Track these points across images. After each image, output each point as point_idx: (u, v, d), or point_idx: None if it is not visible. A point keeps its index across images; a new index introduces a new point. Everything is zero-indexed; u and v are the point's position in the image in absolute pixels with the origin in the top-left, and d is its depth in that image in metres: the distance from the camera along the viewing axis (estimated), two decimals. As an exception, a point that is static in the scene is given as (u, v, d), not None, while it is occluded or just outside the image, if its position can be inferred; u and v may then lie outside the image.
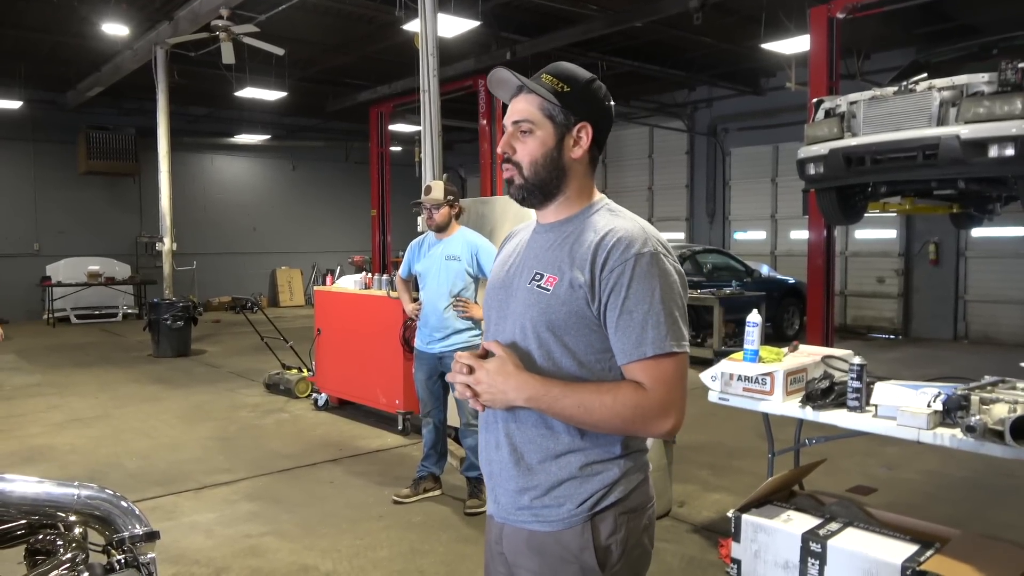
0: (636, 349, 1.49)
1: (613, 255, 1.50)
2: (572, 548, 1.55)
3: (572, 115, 1.59)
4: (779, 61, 11.60)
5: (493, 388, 1.54)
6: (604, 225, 1.56)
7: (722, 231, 15.71)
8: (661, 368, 1.49)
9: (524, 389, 1.52)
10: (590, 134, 1.61)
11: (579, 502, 1.55)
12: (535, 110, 1.59)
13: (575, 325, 1.54)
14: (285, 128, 18.10)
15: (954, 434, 2.86)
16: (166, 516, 4.49)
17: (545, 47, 11.23)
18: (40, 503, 1.66)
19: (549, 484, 1.57)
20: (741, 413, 3.77)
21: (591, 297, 1.52)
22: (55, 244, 15.34)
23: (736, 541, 3.62)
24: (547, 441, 1.57)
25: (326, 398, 7.30)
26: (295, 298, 18.43)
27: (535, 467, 1.58)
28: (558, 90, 1.58)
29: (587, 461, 1.56)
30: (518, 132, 1.60)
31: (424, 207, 4.59)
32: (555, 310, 1.54)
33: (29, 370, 9.55)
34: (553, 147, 1.59)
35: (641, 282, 1.48)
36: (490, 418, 1.67)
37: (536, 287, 1.58)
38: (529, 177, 1.60)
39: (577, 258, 1.54)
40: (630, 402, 1.49)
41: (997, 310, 11.88)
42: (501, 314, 1.66)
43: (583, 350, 1.55)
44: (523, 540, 1.61)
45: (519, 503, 1.60)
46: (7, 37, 11.40)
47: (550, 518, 1.57)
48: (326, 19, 10.77)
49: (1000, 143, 5.24)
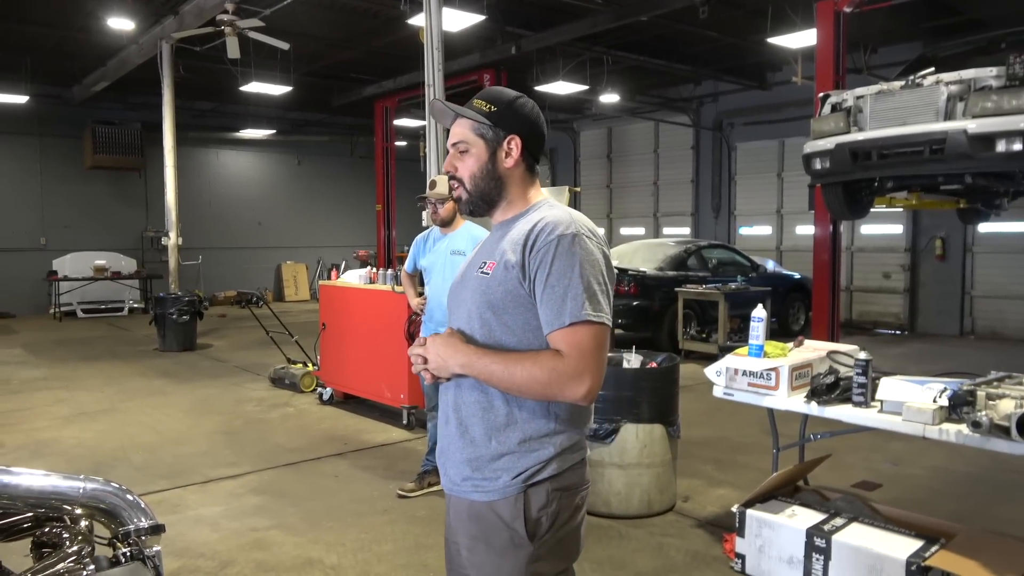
0: (556, 319, 1.64)
1: (540, 237, 1.68)
2: (505, 517, 1.69)
3: (501, 131, 1.79)
4: (785, 55, 11.55)
5: (438, 358, 1.72)
6: (537, 216, 1.76)
7: (727, 226, 15.67)
8: (577, 336, 1.62)
9: (460, 356, 1.69)
10: (519, 145, 1.80)
11: (515, 474, 1.69)
12: (468, 132, 1.80)
13: (511, 304, 1.71)
14: (290, 123, 18.11)
15: (960, 430, 2.85)
16: (172, 509, 4.51)
17: (550, 41, 11.21)
18: (46, 496, 1.67)
19: (489, 456, 1.71)
20: (746, 408, 3.77)
21: (523, 276, 1.69)
22: (61, 238, 15.39)
23: (740, 536, 3.63)
24: (488, 414, 1.72)
25: (331, 392, 7.32)
26: (300, 293, 18.46)
27: (478, 440, 1.73)
28: (486, 111, 1.79)
29: (524, 436, 1.70)
30: (457, 153, 1.81)
31: (429, 202, 4.58)
32: (493, 290, 1.72)
33: (36, 364, 9.59)
34: (487, 160, 1.79)
35: (563, 259, 1.65)
36: (443, 395, 1.83)
37: (479, 273, 1.77)
38: (471, 190, 1.81)
39: (515, 243, 1.72)
40: (547, 366, 1.62)
41: (1004, 306, 11.83)
42: (456, 304, 1.84)
43: (520, 327, 1.71)
44: (464, 509, 1.76)
45: (463, 474, 1.75)
46: (13, 32, 11.43)
47: (487, 488, 1.71)
48: (331, 13, 10.76)
49: (1008, 138, 5.20)
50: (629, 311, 9.75)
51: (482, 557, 1.73)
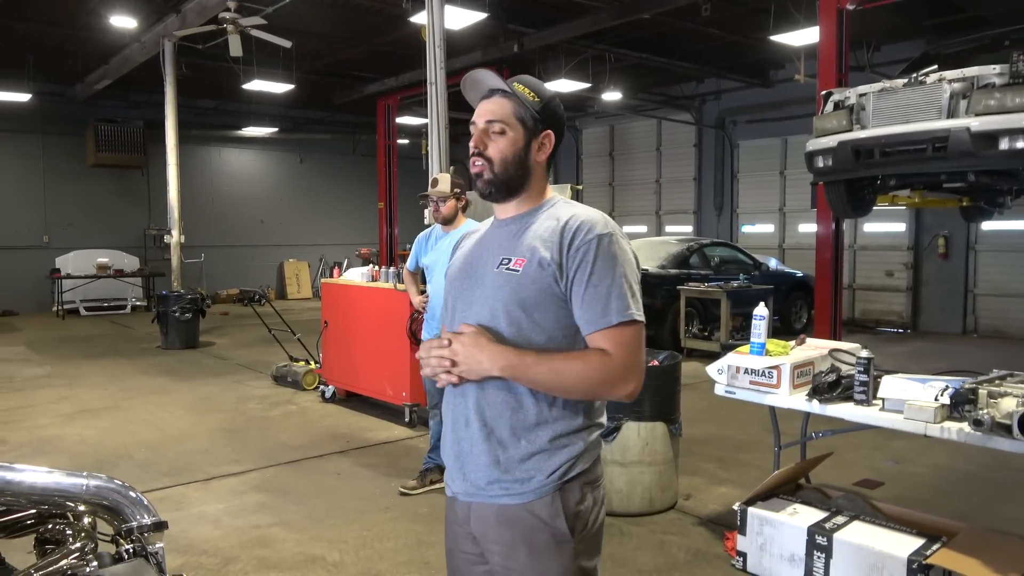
0: (602, 318, 1.63)
1: (578, 236, 1.66)
2: (544, 517, 1.65)
3: (541, 123, 1.76)
4: (788, 53, 11.53)
5: (469, 359, 1.64)
6: (565, 213, 1.72)
7: (730, 224, 15.65)
8: (624, 335, 1.63)
9: (499, 359, 1.63)
10: (552, 141, 1.79)
11: (548, 473, 1.66)
12: (510, 113, 1.74)
13: (544, 301, 1.67)
14: (292, 121, 18.12)
15: (961, 428, 2.85)
16: (174, 506, 4.52)
17: (552, 39, 11.20)
18: (49, 493, 1.67)
19: (520, 457, 1.67)
20: (748, 406, 3.77)
21: (559, 274, 1.66)
22: (64, 236, 15.42)
23: (742, 534, 3.63)
24: (516, 415, 1.67)
25: (333, 390, 7.33)
26: (303, 290, 18.47)
27: (506, 441, 1.68)
28: (531, 98, 1.76)
29: (555, 434, 1.67)
30: (490, 131, 1.75)
31: (431, 200, 4.59)
32: (525, 288, 1.67)
33: (39, 362, 9.62)
34: (522, 147, 1.75)
35: (604, 259, 1.64)
36: (458, 397, 1.75)
37: (505, 270, 1.70)
38: (499, 173, 1.74)
39: (545, 240, 1.68)
40: (598, 366, 1.62)
41: (1007, 304, 11.81)
42: (467, 301, 1.76)
43: (551, 325, 1.67)
44: (492, 515, 1.69)
45: (490, 477, 1.69)
46: (16, 30, 11.44)
47: (520, 491, 1.66)
48: (333, 11, 10.76)
49: (1011, 135, 5.19)
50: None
51: (523, 561, 1.67)
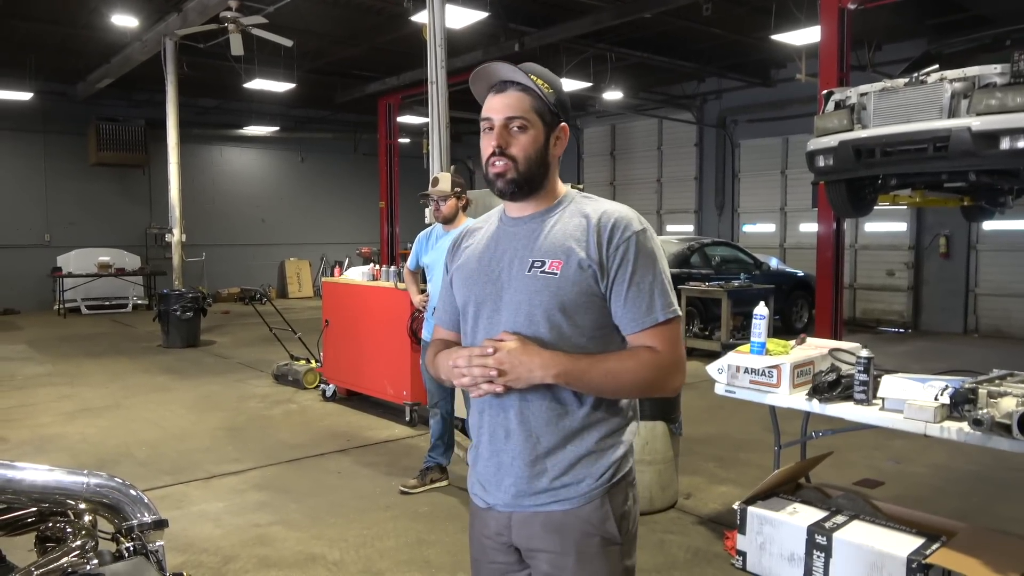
0: (647, 316, 1.62)
1: (616, 233, 1.63)
2: (594, 521, 1.64)
3: (556, 117, 1.70)
4: (789, 52, 11.52)
5: (519, 367, 1.59)
6: (593, 209, 1.69)
7: (731, 223, 15.65)
8: (670, 331, 1.64)
9: (552, 365, 1.58)
10: (567, 135, 1.73)
11: (597, 476, 1.64)
12: (528, 108, 1.66)
13: (585, 303, 1.63)
14: (294, 120, 18.12)
15: (961, 427, 2.85)
16: (175, 505, 4.52)
17: (553, 38, 11.19)
18: (50, 491, 1.68)
19: (567, 463, 1.64)
20: (748, 406, 3.77)
21: (600, 273, 1.62)
22: (66, 235, 15.43)
23: (742, 533, 3.63)
24: (562, 420, 1.65)
25: (334, 389, 7.34)
26: (304, 289, 18.48)
27: (553, 448, 1.65)
28: (547, 91, 1.68)
29: (600, 435, 1.66)
30: (512, 128, 1.66)
31: (431, 199, 4.59)
32: (566, 291, 1.62)
33: (40, 360, 9.63)
34: (543, 143, 1.68)
35: (644, 256, 1.63)
36: (495, 408, 1.69)
37: (540, 273, 1.64)
38: (523, 171, 1.66)
39: (579, 240, 1.64)
40: (651, 364, 1.62)
41: (1008, 304, 11.80)
42: (493, 306, 1.70)
43: (590, 327, 1.65)
44: (539, 524, 1.66)
45: (535, 487, 1.65)
46: (17, 29, 11.45)
47: (569, 496, 1.64)
48: (334, 10, 10.76)
49: (1012, 135, 5.19)
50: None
51: (572, 568, 1.64)
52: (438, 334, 1.92)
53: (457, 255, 1.85)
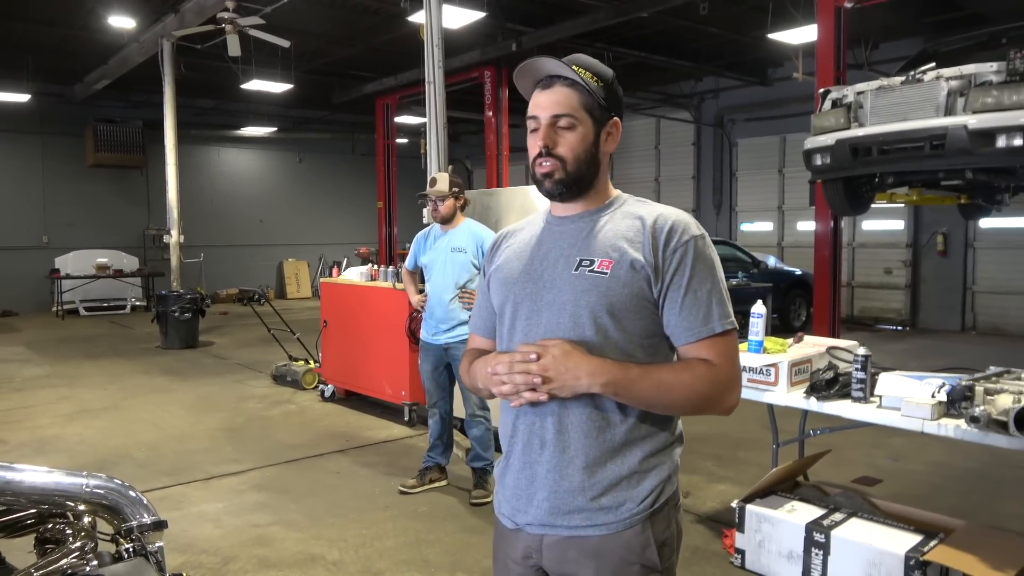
0: (704, 326, 1.51)
1: (673, 237, 1.52)
2: (635, 548, 1.52)
3: (606, 111, 1.60)
4: (786, 51, 11.54)
5: (565, 374, 1.47)
6: (648, 211, 1.59)
7: (729, 222, 15.66)
8: (727, 343, 1.53)
9: (601, 373, 1.46)
10: (620, 129, 1.63)
11: (640, 500, 1.53)
12: (576, 104, 1.56)
13: (635, 307, 1.52)
14: (291, 120, 18.11)
15: (958, 425, 2.86)
16: (174, 506, 4.52)
17: (551, 38, 11.19)
18: (49, 493, 1.68)
19: (608, 482, 1.52)
20: (746, 404, 3.74)
21: (654, 278, 1.52)
22: (63, 237, 15.42)
23: (740, 531, 3.64)
24: (604, 433, 1.52)
25: (333, 389, 7.34)
26: (302, 290, 18.48)
27: (592, 464, 1.52)
28: (595, 84, 1.57)
29: (645, 454, 1.54)
30: (558, 126, 1.56)
31: (429, 199, 4.59)
32: (616, 292, 1.52)
33: (39, 362, 9.62)
34: (592, 141, 1.58)
35: (703, 263, 1.52)
36: (532, 416, 1.58)
37: (588, 272, 1.54)
38: (572, 172, 1.57)
39: (632, 241, 1.54)
40: (707, 377, 1.50)
41: (1006, 301, 11.82)
42: (534, 307, 1.58)
43: (639, 333, 1.54)
44: (574, 548, 1.54)
45: (570, 506, 1.53)
46: (14, 30, 11.44)
47: (608, 520, 1.52)
48: (331, 10, 10.75)
49: (1008, 133, 5.20)
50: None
51: None
52: (473, 343, 1.79)
53: (495, 256, 1.73)
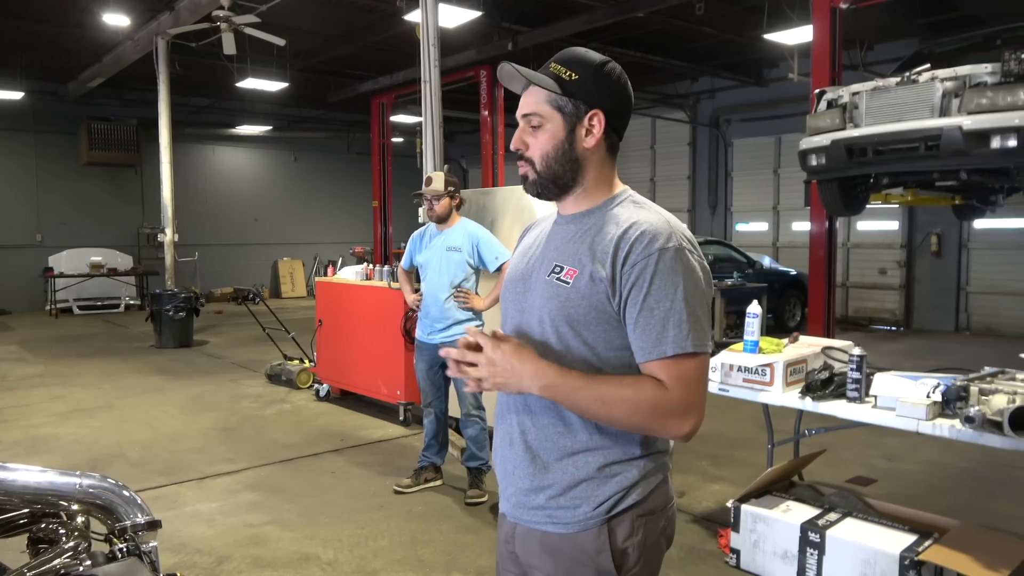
0: (656, 347, 1.43)
1: (636, 249, 1.44)
2: (588, 551, 1.50)
3: (582, 104, 1.52)
4: (782, 52, 11.55)
5: (508, 371, 1.45)
6: (627, 218, 1.51)
7: (724, 222, 15.69)
8: (682, 368, 1.42)
9: (541, 376, 1.44)
10: (603, 121, 1.54)
11: (596, 504, 1.50)
12: (543, 103, 1.53)
13: (595, 320, 1.48)
14: (286, 119, 18.08)
15: (953, 425, 2.87)
16: (168, 505, 4.51)
17: (547, 37, 11.19)
18: (43, 492, 1.68)
19: (565, 484, 1.51)
20: (741, 404, 3.78)
21: (612, 292, 1.46)
22: (57, 235, 15.36)
23: (735, 531, 3.64)
24: (563, 439, 1.52)
25: (328, 389, 7.32)
26: (297, 289, 18.45)
27: (551, 465, 1.53)
28: (565, 79, 1.52)
29: (605, 461, 1.50)
30: (528, 127, 1.56)
31: (425, 198, 4.59)
32: (575, 304, 1.49)
33: (32, 361, 9.58)
34: (564, 139, 1.53)
35: (664, 278, 1.42)
36: (504, 414, 1.62)
37: (555, 280, 1.52)
38: (542, 172, 1.55)
39: (598, 251, 1.49)
40: (651, 399, 1.42)
41: (999, 302, 11.86)
42: (519, 307, 1.60)
43: (602, 346, 1.49)
44: (536, 541, 1.57)
45: (533, 502, 1.56)
46: (8, 28, 11.39)
47: (565, 519, 1.52)
48: (327, 9, 10.74)
49: (1003, 134, 5.22)
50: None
51: None
52: None
53: (517, 248, 1.75)
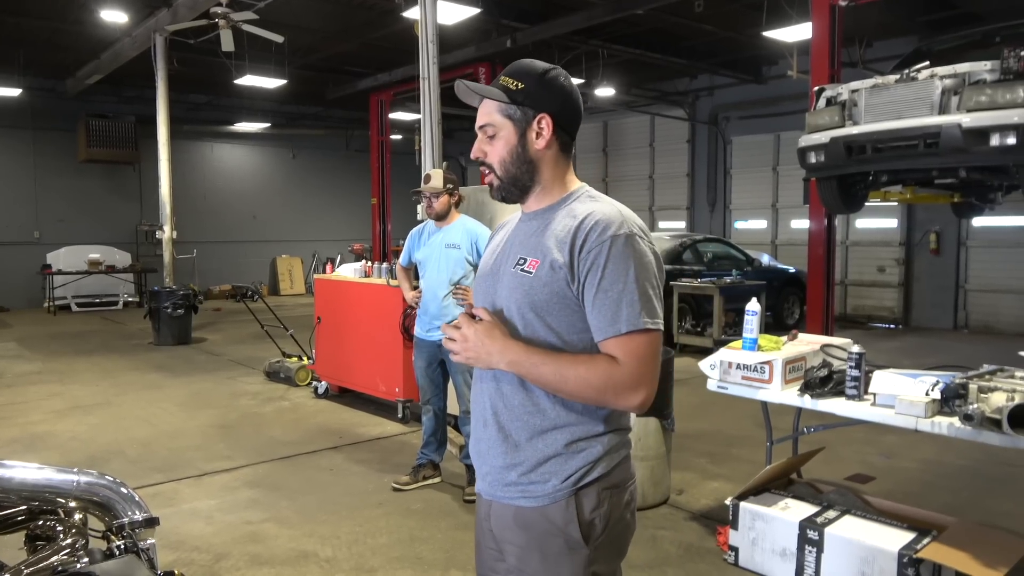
0: (611, 326, 1.56)
1: (591, 237, 1.58)
2: (557, 522, 1.62)
3: (530, 110, 1.67)
4: (781, 49, 11.55)
5: (479, 347, 1.61)
6: (583, 210, 1.65)
7: (723, 220, 15.69)
8: (634, 343, 1.56)
9: (507, 352, 1.59)
10: (550, 124, 1.68)
11: (564, 477, 1.62)
12: (495, 113, 1.68)
13: (557, 305, 1.61)
14: (285, 116, 18.05)
15: (952, 423, 2.87)
16: (166, 503, 4.51)
17: (546, 34, 11.18)
18: (40, 489, 1.67)
19: (535, 460, 1.64)
20: (740, 401, 3.78)
21: (571, 278, 1.59)
22: (55, 232, 15.33)
23: (734, 529, 3.65)
24: (533, 418, 1.64)
25: (326, 386, 7.32)
26: (295, 286, 18.44)
27: (522, 444, 1.65)
28: (513, 89, 1.67)
29: (572, 438, 1.63)
30: (486, 137, 1.70)
31: (424, 195, 4.59)
32: (538, 291, 1.62)
33: (30, 358, 9.57)
34: (516, 144, 1.68)
35: (617, 262, 1.56)
36: (478, 397, 1.75)
37: (520, 271, 1.66)
38: (502, 176, 1.70)
39: (558, 242, 1.62)
40: (603, 373, 1.55)
41: (998, 299, 11.87)
42: (490, 301, 1.72)
43: (565, 329, 1.62)
44: (510, 516, 1.68)
45: (506, 479, 1.67)
46: (6, 24, 11.35)
47: (536, 493, 1.63)
48: (326, 6, 10.71)
49: (1002, 131, 5.22)
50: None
51: (536, 566, 1.65)
52: None
53: (487, 247, 1.91)
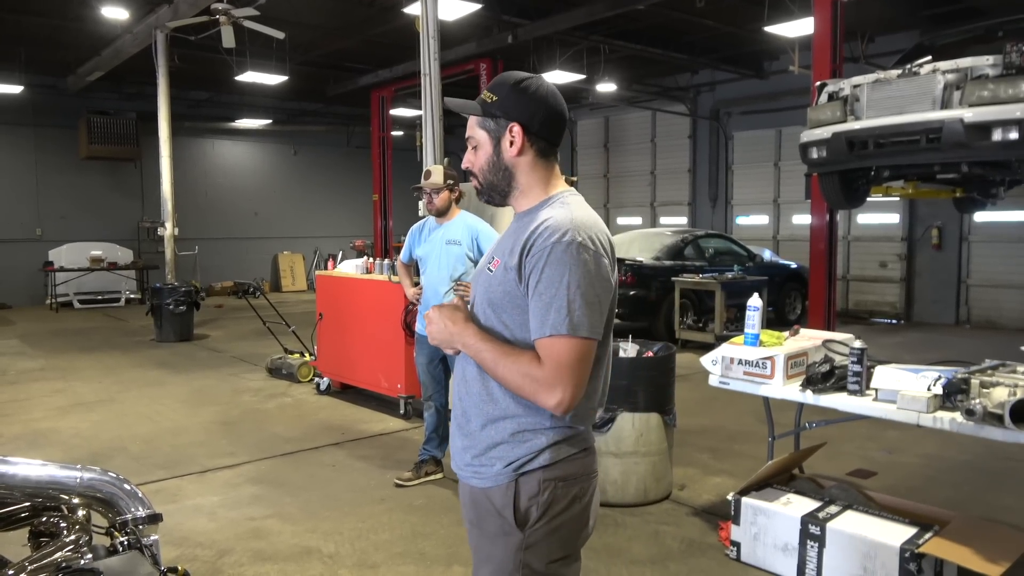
0: (540, 328, 1.64)
1: (537, 242, 1.66)
2: (497, 504, 1.73)
3: (503, 119, 1.77)
4: (782, 44, 11.52)
5: (443, 329, 1.77)
6: (544, 216, 1.72)
7: (724, 215, 15.67)
8: (555, 348, 1.62)
9: (464, 335, 1.73)
10: (520, 132, 1.76)
11: (507, 463, 1.72)
12: (475, 127, 1.82)
13: (508, 304, 1.72)
14: (286, 112, 18.04)
15: (954, 418, 2.87)
16: (169, 499, 4.52)
17: (547, 30, 11.16)
18: (44, 486, 1.68)
19: (486, 445, 1.75)
20: (742, 397, 3.79)
21: (519, 279, 1.69)
22: (57, 229, 15.34)
23: (736, 524, 3.65)
24: (487, 406, 1.76)
25: (328, 382, 7.33)
26: (297, 283, 18.44)
27: (475, 430, 1.78)
28: (488, 102, 1.78)
29: (518, 428, 1.72)
30: (471, 148, 1.84)
31: (424, 192, 4.58)
32: (494, 289, 1.74)
33: (32, 355, 9.58)
34: (492, 153, 1.80)
35: (553, 268, 1.63)
36: (455, 382, 1.91)
37: (487, 269, 1.81)
38: (483, 183, 1.84)
39: (517, 245, 1.71)
40: (523, 369, 1.64)
41: (1000, 295, 11.86)
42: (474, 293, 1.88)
43: (516, 327, 1.72)
44: (468, 494, 1.83)
45: (464, 460, 1.81)
46: (7, 21, 11.34)
47: (483, 475, 1.76)
48: (326, 2, 10.70)
49: (1004, 126, 5.20)
50: (626, 301, 9.76)
51: (477, 541, 1.81)
52: None
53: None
